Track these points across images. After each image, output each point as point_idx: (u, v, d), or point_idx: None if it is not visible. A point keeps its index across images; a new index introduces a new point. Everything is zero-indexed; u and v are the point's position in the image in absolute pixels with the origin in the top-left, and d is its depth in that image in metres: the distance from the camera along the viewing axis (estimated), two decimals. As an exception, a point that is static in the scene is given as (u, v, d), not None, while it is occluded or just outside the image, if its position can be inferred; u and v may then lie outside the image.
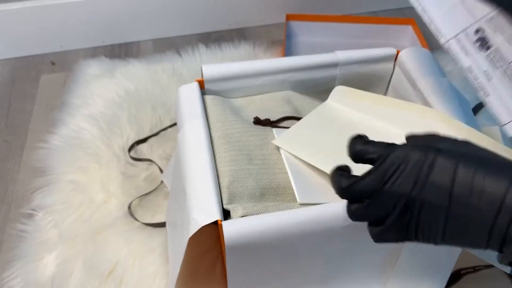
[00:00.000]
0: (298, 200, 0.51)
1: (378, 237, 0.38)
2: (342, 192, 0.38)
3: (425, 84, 0.60)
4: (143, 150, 0.85)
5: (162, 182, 0.79)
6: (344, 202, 0.39)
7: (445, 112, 0.56)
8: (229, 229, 0.45)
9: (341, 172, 0.38)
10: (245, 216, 0.49)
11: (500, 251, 0.33)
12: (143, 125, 0.89)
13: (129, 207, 0.75)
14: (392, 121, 0.57)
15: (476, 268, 0.66)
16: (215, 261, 0.57)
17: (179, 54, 1.06)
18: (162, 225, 0.72)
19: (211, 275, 0.58)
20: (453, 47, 0.45)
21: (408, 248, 0.54)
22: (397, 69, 0.67)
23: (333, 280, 0.56)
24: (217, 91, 0.64)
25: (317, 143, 0.56)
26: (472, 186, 0.32)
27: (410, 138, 0.39)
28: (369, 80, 0.68)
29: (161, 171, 0.80)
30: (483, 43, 0.44)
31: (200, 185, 0.50)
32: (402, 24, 1.06)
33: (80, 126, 0.88)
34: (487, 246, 0.33)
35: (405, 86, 0.65)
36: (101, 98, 0.94)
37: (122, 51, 1.11)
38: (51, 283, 0.67)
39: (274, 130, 0.59)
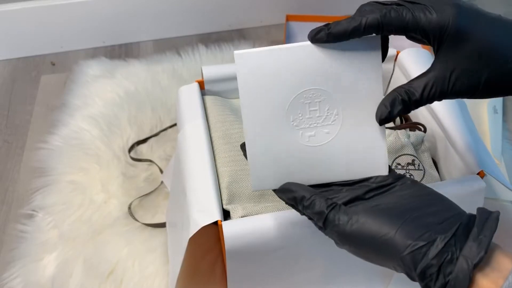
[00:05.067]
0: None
1: None
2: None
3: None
4: (143, 150, 0.85)
5: (162, 182, 0.79)
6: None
7: (444, 111, 0.56)
8: (229, 229, 0.45)
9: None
10: (245, 216, 0.49)
11: None
12: (143, 126, 0.89)
13: (129, 208, 0.75)
14: None
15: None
16: (215, 261, 0.57)
17: (179, 54, 1.06)
18: (162, 225, 0.72)
19: (211, 275, 0.58)
20: None
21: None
22: (396, 69, 0.67)
23: (334, 281, 0.56)
24: (217, 92, 0.64)
25: None
26: None
27: None
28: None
29: (161, 171, 0.80)
30: None
31: (200, 185, 0.50)
32: (402, 25, 1.06)
33: (80, 126, 0.88)
34: None
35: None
36: (101, 99, 0.94)
37: (122, 52, 1.11)
38: (51, 284, 0.67)
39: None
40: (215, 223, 0.46)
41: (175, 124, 0.88)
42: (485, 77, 0.33)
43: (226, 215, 0.50)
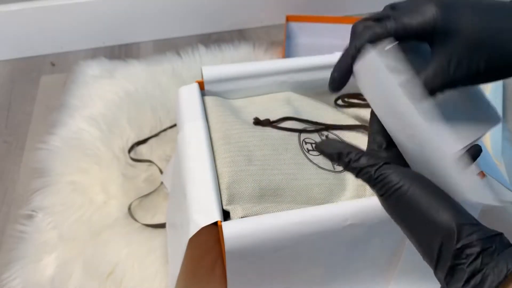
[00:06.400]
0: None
1: None
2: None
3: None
4: (143, 151, 0.85)
5: (162, 183, 0.79)
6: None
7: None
8: (229, 230, 0.45)
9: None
10: (244, 217, 0.49)
11: None
12: (143, 126, 0.89)
13: (129, 208, 0.75)
14: None
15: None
16: (215, 262, 0.57)
17: (179, 55, 1.06)
18: (162, 226, 0.72)
19: (211, 276, 0.58)
20: None
21: (411, 248, 0.54)
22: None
23: (334, 281, 0.56)
24: (217, 92, 0.64)
25: None
26: None
27: None
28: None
29: (161, 172, 0.80)
30: None
31: (200, 186, 0.50)
32: (402, 25, 1.06)
33: (80, 127, 0.88)
34: None
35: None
36: (101, 99, 0.94)
37: (122, 52, 1.11)
38: (50, 284, 0.67)
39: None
40: (215, 223, 0.46)
41: (175, 125, 0.88)
42: (483, 65, 0.34)
43: (226, 215, 0.50)
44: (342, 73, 0.39)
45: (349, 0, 1.18)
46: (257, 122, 0.60)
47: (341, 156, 0.37)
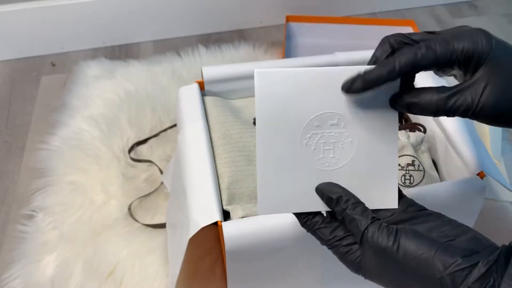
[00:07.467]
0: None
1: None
2: None
3: (425, 85, 0.60)
4: (143, 151, 0.85)
5: (162, 183, 0.79)
6: None
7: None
8: (229, 230, 0.45)
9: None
10: (244, 217, 0.49)
11: None
12: (143, 126, 0.89)
13: (129, 208, 0.75)
14: None
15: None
16: (215, 262, 0.57)
17: (179, 55, 1.06)
18: (162, 226, 0.72)
19: (211, 276, 0.58)
20: None
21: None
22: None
23: (333, 281, 0.56)
24: (217, 92, 0.64)
25: None
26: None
27: None
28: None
29: (161, 172, 0.80)
30: None
31: (200, 186, 0.50)
32: (401, 26, 1.06)
33: (80, 127, 0.88)
34: None
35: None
36: (101, 99, 0.94)
37: (122, 52, 1.11)
38: (51, 284, 0.67)
39: None
40: (215, 223, 0.46)
41: (175, 125, 0.88)
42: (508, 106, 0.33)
43: (226, 215, 0.50)
44: (371, 84, 0.35)
45: (348, 0, 1.18)
46: (257, 122, 0.60)
47: (339, 201, 0.36)
